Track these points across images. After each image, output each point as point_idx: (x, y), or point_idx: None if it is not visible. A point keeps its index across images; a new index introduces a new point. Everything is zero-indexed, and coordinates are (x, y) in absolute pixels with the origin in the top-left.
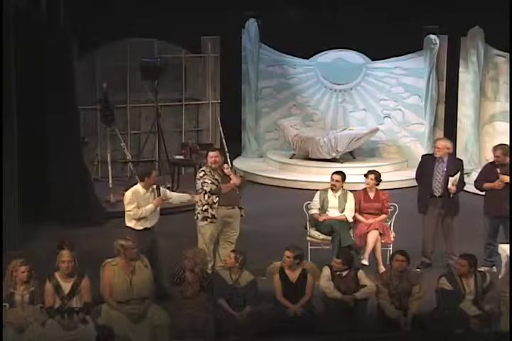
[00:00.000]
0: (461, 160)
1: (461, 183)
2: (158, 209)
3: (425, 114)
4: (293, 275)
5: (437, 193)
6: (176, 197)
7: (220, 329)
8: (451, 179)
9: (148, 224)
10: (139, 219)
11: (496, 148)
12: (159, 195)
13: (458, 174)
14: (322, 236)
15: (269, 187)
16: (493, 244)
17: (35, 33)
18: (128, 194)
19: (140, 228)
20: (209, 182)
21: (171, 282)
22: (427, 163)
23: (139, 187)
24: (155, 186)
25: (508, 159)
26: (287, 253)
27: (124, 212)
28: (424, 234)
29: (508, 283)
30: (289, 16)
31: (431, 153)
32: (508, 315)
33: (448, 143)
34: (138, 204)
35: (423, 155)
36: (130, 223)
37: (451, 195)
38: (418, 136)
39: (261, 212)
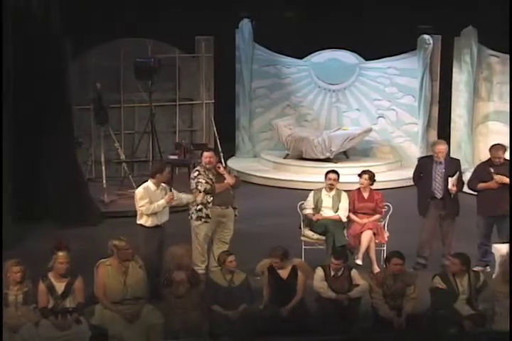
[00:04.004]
0: (459, 160)
1: (460, 183)
2: (168, 207)
3: (419, 114)
4: (283, 273)
5: (438, 195)
6: (184, 198)
7: (214, 330)
8: (451, 179)
9: (158, 221)
10: (150, 215)
11: (497, 148)
12: (170, 191)
13: (457, 174)
14: (316, 236)
15: (263, 187)
16: (487, 243)
17: (28, 33)
18: (139, 190)
19: (151, 225)
20: (203, 181)
21: (161, 285)
22: (425, 166)
23: (149, 183)
24: (165, 185)
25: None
26: (273, 259)
27: (118, 212)
28: (422, 235)
29: (502, 282)
30: (282, 16)
31: (425, 153)
32: (502, 314)
33: (446, 146)
34: (149, 200)
35: (420, 158)
36: (141, 220)
37: (452, 196)
38: (412, 135)
39: (255, 212)
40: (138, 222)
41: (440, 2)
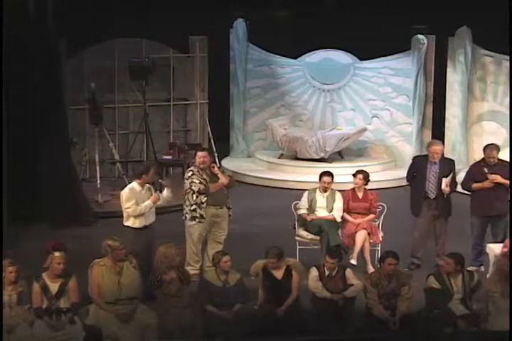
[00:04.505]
0: (453, 160)
1: (453, 183)
2: (154, 208)
3: (413, 113)
4: (278, 274)
5: (432, 195)
6: (165, 196)
7: (209, 330)
8: (444, 180)
9: (146, 222)
10: (137, 217)
11: (490, 148)
12: (155, 191)
13: (451, 175)
14: (311, 236)
15: (258, 187)
16: (481, 243)
17: (23, 33)
18: (125, 191)
19: (139, 226)
20: (197, 181)
21: (151, 286)
22: (419, 165)
23: (134, 184)
24: (149, 185)
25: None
26: (270, 259)
27: (112, 212)
28: (415, 235)
29: (497, 282)
30: (277, 16)
31: (419, 153)
32: (496, 314)
33: (442, 146)
34: (136, 201)
35: (414, 157)
36: (128, 222)
37: (445, 196)
38: (406, 135)
39: (249, 212)
40: (125, 223)
41: (434, 2)
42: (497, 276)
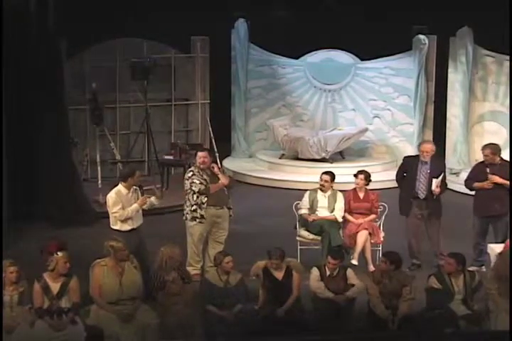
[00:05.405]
0: (444, 161)
1: (443, 184)
2: (141, 210)
3: (414, 114)
4: (278, 274)
5: (422, 195)
6: (153, 201)
7: (210, 330)
8: (435, 181)
9: (134, 225)
10: (124, 221)
11: (485, 147)
12: (142, 194)
13: (441, 175)
14: (312, 236)
15: (259, 187)
16: (482, 243)
17: (24, 33)
18: (111, 195)
19: (127, 229)
20: (197, 182)
21: (153, 287)
22: (410, 165)
23: (121, 187)
24: (136, 187)
25: (497, 158)
26: (273, 261)
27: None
28: (408, 236)
29: (494, 279)
30: (278, 16)
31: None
32: (497, 313)
33: (433, 146)
34: (122, 205)
35: (405, 157)
36: (116, 225)
37: (435, 197)
38: (407, 135)
39: (250, 212)
40: (113, 227)
41: (436, 2)
42: (493, 273)
